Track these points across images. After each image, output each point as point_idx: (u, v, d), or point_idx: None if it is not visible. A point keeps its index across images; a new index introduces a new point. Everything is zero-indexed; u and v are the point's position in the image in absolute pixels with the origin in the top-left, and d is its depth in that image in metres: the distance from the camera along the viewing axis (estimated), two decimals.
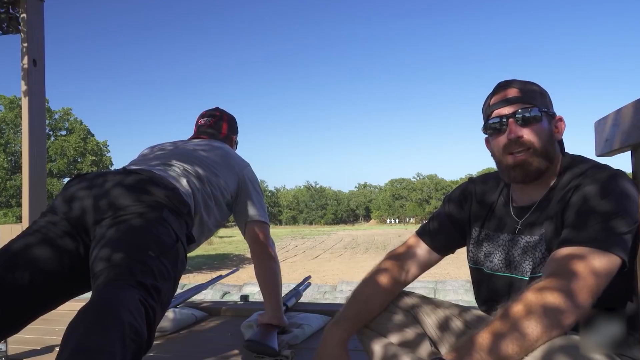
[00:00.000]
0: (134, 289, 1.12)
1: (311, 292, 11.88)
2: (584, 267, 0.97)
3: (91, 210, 1.36)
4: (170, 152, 1.85)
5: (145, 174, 1.49)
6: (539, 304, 0.92)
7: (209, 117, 2.21)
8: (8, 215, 27.94)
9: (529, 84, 1.23)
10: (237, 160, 2.01)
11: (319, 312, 2.47)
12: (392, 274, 1.31)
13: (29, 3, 2.82)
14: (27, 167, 2.82)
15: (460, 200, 1.38)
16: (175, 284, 1.35)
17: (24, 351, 2.03)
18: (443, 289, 11.30)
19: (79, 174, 1.53)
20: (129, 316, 1.03)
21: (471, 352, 0.91)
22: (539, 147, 1.16)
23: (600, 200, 1.04)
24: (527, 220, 1.21)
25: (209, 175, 1.79)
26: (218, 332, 2.32)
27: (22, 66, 2.83)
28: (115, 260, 1.20)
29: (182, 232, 1.42)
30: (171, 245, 1.33)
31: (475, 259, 1.32)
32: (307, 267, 23.06)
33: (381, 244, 36.26)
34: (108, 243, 1.26)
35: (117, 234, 1.28)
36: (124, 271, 1.17)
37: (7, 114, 30.85)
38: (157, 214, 1.36)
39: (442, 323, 1.27)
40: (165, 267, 1.26)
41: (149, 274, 1.19)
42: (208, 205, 1.76)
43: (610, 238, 1.00)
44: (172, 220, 1.39)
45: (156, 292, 1.18)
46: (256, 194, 2.04)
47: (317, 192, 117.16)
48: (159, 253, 1.26)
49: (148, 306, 1.12)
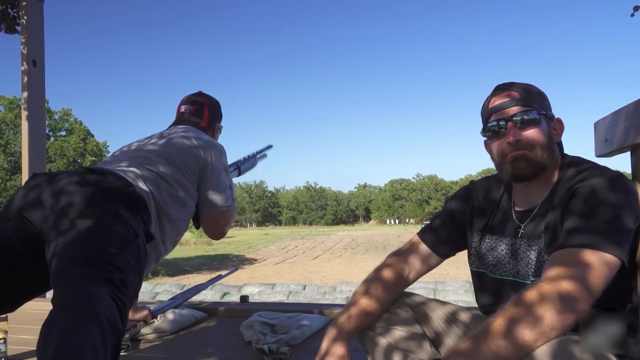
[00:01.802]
0: (102, 285, 1.14)
1: (311, 292, 11.90)
2: (588, 263, 0.97)
3: (45, 211, 1.36)
4: (133, 150, 1.83)
5: (101, 172, 1.50)
6: (554, 291, 0.93)
7: (190, 105, 2.10)
8: None
9: (527, 86, 1.23)
10: (202, 144, 1.89)
11: (319, 312, 2.47)
12: (394, 275, 1.31)
13: (29, 3, 2.82)
14: (26, 168, 2.82)
15: (462, 203, 1.38)
16: (141, 277, 1.37)
17: (24, 351, 2.03)
18: (443, 290, 11.31)
19: (35, 173, 1.54)
20: (104, 310, 1.07)
21: (487, 338, 0.91)
22: (539, 148, 1.16)
23: (602, 200, 1.04)
24: (529, 224, 1.21)
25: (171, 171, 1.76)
26: (218, 333, 2.32)
27: (22, 66, 2.83)
28: (78, 259, 1.22)
29: (139, 228, 1.42)
30: (131, 241, 1.34)
31: (477, 262, 1.32)
32: (306, 267, 23.05)
33: (381, 245, 36.24)
34: (68, 243, 1.26)
35: (76, 232, 1.28)
36: (89, 269, 1.18)
37: (7, 114, 30.84)
38: (112, 210, 1.36)
39: (442, 324, 1.27)
40: (128, 262, 1.27)
41: (114, 270, 1.21)
42: (173, 200, 1.75)
43: (612, 237, 1.00)
44: (128, 217, 1.39)
45: (124, 286, 1.20)
46: (219, 179, 1.93)
47: (317, 193, 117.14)
48: (121, 248, 1.27)
49: (118, 300, 1.14)
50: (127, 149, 1.87)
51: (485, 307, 1.30)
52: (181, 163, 1.80)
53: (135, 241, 1.35)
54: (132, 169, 1.67)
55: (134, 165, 1.70)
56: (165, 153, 1.79)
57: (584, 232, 1.02)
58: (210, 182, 1.90)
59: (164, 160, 1.77)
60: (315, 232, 69.35)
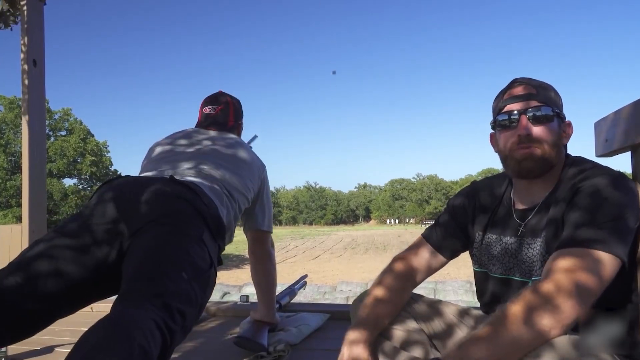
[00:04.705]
0: (156, 310, 1.09)
1: (311, 292, 11.89)
2: (587, 262, 0.97)
3: (128, 216, 1.31)
4: (194, 154, 1.76)
5: (187, 184, 1.45)
6: (570, 282, 0.94)
7: (215, 105, 2.08)
8: (8, 215, 27.94)
9: (544, 84, 1.23)
10: (258, 162, 1.92)
11: (318, 312, 2.46)
12: (403, 278, 1.31)
13: (29, 3, 2.82)
14: (27, 168, 2.82)
15: (464, 203, 1.38)
16: (201, 310, 1.29)
17: (24, 351, 2.02)
18: (443, 290, 11.31)
19: (110, 179, 1.49)
20: (141, 338, 1.01)
21: (506, 324, 0.92)
22: (547, 145, 1.16)
23: (602, 200, 1.05)
24: (530, 223, 1.21)
25: (238, 184, 1.72)
26: (218, 332, 2.32)
27: (22, 66, 2.83)
28: (147, 274, 1.17)
29: (215, 256, 1.39)
30: (205, 270, 1.29)
31: (480, 262, 1.32)
32: (306, 267, 23.05)
33: (381, 245, 36.23)
34: (143, 252, 1.22)
35: (154, 243, 1.24)
36: (150, 287, 1.13)
37: (7, 114, 30.84)
38: (197, 233, 1.32)
39: (445, 325, 1.28)
40: (194, 292, 1.21)
41: (177, 297, 1.15)
42: (235, 219, 1.72)
43: (612, 237, 1.00)
44: (209, 243, 1.35)
45: (181, 316, 1.14)
46: (268, 200, 2.01)
47: (317, 193, 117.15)
48: (192, 276, 1.22)
49: (166, 329, 1.08)
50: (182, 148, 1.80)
51: (487, 306, 1.30)
52: (249, 182, 1.80)
53: (208, 271, 1.30)
54: (214, 185, 1.62)
55: (211, 180, 1.64)
56: (235, 168, 1.76)
57: (590, 228, 1.02)
58: (266, 203, 1.99)
59: (237, 177, 1.73)
60: (315, 232, 69.34)
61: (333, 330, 2.23)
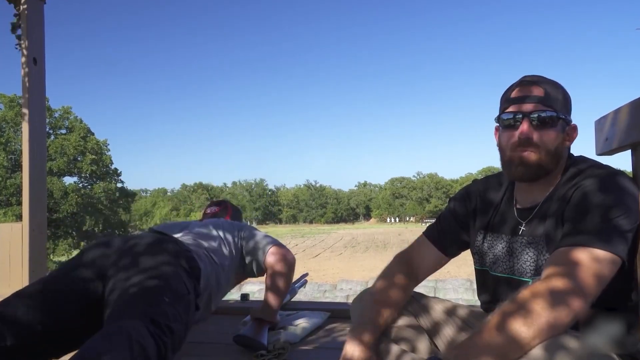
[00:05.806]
0: (145, 323, 1.25)
1: (311, 290, 11.90)
2: (586, 262, 0.98)
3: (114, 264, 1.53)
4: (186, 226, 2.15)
5: (166, 237, 1.75)
6: (545, 288, 0.95)
7: (215, 206, 2.49)
8: (8, 214, 27.95)
9: (554, 85, 1.21)
10: (231, 227, 2.22)
11: (319, 310, 2.46)
12: (404, 276, 1.32)
13: (29, 2, 2.82)
14: (27, 166, 2.82)
15: (465, 202, 1.39)
16: (187, 328, 1.50)
17: None
18: (443, 288, 11.32)
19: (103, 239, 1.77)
20: (138, 336, 1.15)
21: (482, 331, 0.95)
22: (547, 151, 1.16)
23: (600, 198, 1.05)
24: (530, 222, 1.21)
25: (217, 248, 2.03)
26: (217, 331, 2.32)
27: (22, 65, 2.83)
28: (131, 301, 1.35)
29: (192, 289, 1.59)
30: (184, 294, 1.50)
31: (480, 260, 1.32)
32: (307, 266, 23.05)
33: (381, 243, 36.26)
34: (127, 287, 1.40)
35: (136, 280, 1.44)
36: (139, 310, 1.31)
37: (7, 112, 30.82)
38: (173, 269, 1.55)
39: (446, 323, 1.28)
40: (178, 312, 1.41)
41: (162, 315, 1.33)
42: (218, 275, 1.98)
43: (610, 236, 1.00)
44: (185, 278, 1.57)
45: (169, 331, 1.31)
46: (252, 230, 2.23)
47: (317, 191, 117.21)
48: (173, 300, 1.42)
49: (160, 341, 1.24)
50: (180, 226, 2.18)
51: (486, 305, 1.31)
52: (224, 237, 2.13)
53: (187, 296, 1.53)
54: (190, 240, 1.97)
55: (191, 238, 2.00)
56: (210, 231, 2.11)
57: (575, 234, 1.04)
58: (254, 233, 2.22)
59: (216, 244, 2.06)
60: (315, 230, 69.43)
61: (333, 329, 2.24)
